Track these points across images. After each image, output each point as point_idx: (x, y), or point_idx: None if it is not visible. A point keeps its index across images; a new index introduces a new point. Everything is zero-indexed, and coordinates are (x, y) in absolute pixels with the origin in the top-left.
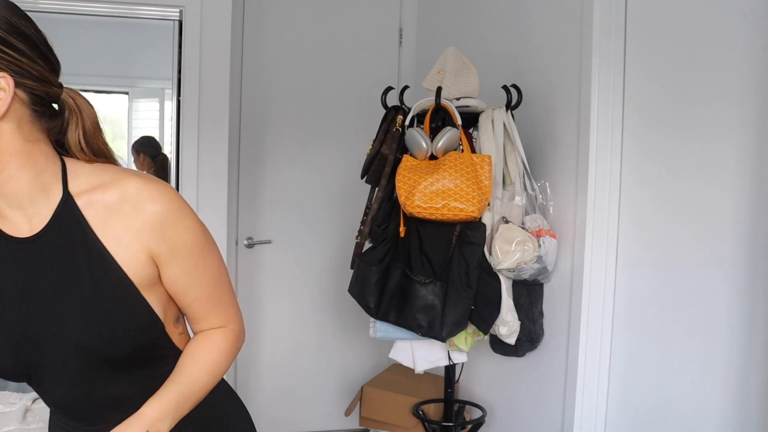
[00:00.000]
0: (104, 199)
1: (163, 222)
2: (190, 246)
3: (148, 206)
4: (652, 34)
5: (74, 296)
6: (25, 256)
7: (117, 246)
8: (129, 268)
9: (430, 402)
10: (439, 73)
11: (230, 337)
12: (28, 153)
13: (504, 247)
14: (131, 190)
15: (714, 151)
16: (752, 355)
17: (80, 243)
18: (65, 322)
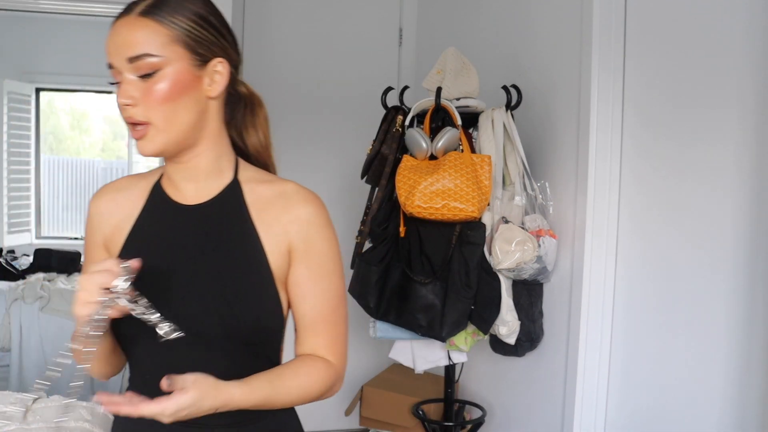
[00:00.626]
0: (265, 191)
1: (310, 222)
2: (324, 255)
3: (301, 204)
4: (652, 36)
5: (219, 263)
6: (186, 220)
7: (266, 233)
8: (272, 256)
9: (430, 402)
10: (439, 73)
11: (331, 373)
12: (219, 134)
13: (504, 247)
14: (289, 189)
15: (713, 153)
16: (752, 354)
17: (237, 220)
18: (202, 284)
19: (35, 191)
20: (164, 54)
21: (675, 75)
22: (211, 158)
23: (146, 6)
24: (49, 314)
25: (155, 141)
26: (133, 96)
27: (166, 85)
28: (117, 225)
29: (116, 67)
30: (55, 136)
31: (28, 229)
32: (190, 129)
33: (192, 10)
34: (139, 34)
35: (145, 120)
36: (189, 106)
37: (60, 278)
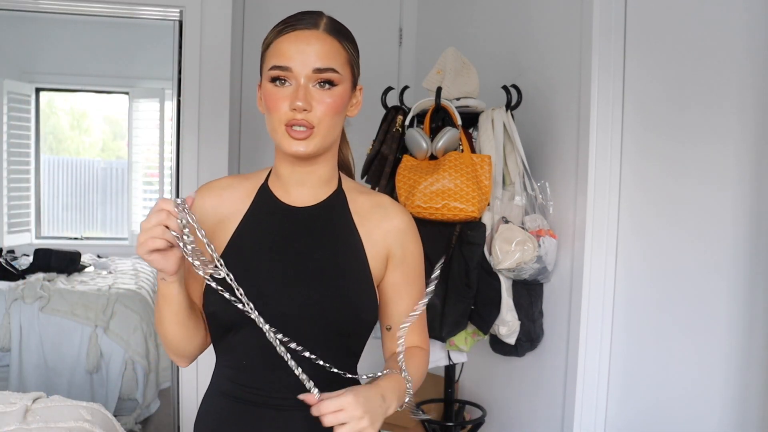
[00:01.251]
0: (364, 201)
1: (406, 231)
2: (416, 259)
3: (398, 216)
4: (652, 36)
5: (325, 261)
6: (295, 221)
7: (367, 237)
8: (371, 258)
9: (430, 402)
10: (439, 73)
11: (426, 358)
12: (336, 147)
13: (504, 247)
14: (385, 202)
15: (713, 152)
16: (752, 354)
17: (343, 224)
18: (309, 280)
19: (35, 191)
20: (343, 72)
21: (675, 74)
22: (329, 167)
23: (330, 26)
24: (48, 314)
25: (313, 143)
26: (310, 102)
27: (338, 99)
28: (221, 220)
29: (295, 72)
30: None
31: (27, 229)
32: (335, 139)
33: (351, 37)
34: (329, 49)
35: (314, 125)
36: (341, 121)
37: (60, 278)
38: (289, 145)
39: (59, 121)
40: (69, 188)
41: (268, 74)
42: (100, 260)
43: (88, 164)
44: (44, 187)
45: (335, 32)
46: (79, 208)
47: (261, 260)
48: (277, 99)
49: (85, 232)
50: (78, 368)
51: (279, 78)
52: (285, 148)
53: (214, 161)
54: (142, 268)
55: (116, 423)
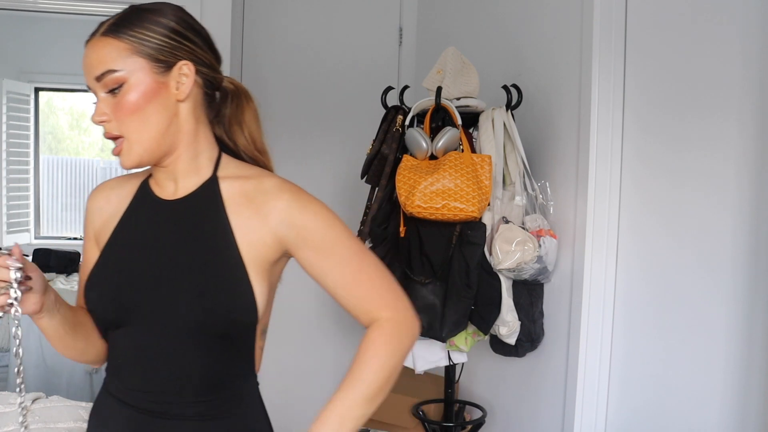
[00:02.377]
0: (243, 187)
1: (290, 208)
2: (320, 229)
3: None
4: (652, 41)
5: (190, 256)
6: (165, 215)
7: (244, 227)
8: (249, 249)
9: (430, 402)
10: (439, 73)
11: (393, 326)
12: (195, 134)
13: (504, 247)
14: (267, 184)
15: (711, 158)
16: (752, 354)
17: (212, 216)
18: (174, 276)
19: (34, 191)
20: (125, 67)
21: (674, 80)
22: (188, 159)
23: (108, 26)
24: None
25: (132, 153)
26: (106, 112)
27: (132, 96)
28: (107, 220)
29: (91, 89)
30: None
31: (27, 229)
32: (161, 135)
33: (150, 19)
34: (102, 53)
35: (119, 133)
36: (158, 112)
37: (59, 278)
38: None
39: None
40: (68, 188)
41: None
42: None
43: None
44: (43, 187)
45: (113, 29)
46: (78, 208)
47: (132, 258)
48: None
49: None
50: (77, 368)
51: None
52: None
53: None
54: None
55: None
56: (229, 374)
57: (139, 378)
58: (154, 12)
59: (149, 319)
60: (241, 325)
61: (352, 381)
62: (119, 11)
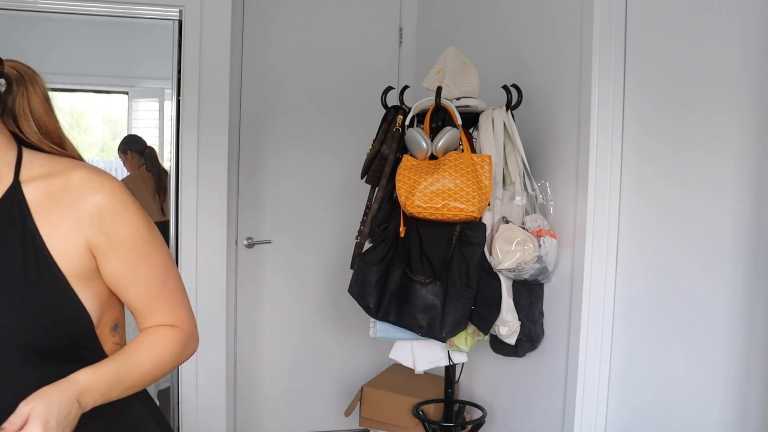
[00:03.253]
0: (49, 188)
1: (102, 213)
2: (131, 240)
3: (89, 196)
4: (652, 40)
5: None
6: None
7: (54, 235)
8: (63, 258)
9: (430, 402)
10: (439, 72)
11: (179, 337)
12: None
13: (504, 247)
14: (75, 180)
15: (711, 158)
16: (752, 354)
17: (18, 228)
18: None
19: None
20: None
21: (675, 80)
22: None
23: None
24: None
25: None
26: None
27: None
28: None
29: None
30: None
31: None
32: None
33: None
34: None
35: None
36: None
37: None
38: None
39: None
40: None
41: None
42: None
43: None
44: None
45: None
46: None
47: None
48: None
49: None
50: None
51: None
52: None
53: (214, 161)
54: None
55: None
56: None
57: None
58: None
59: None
60: (76, 336)
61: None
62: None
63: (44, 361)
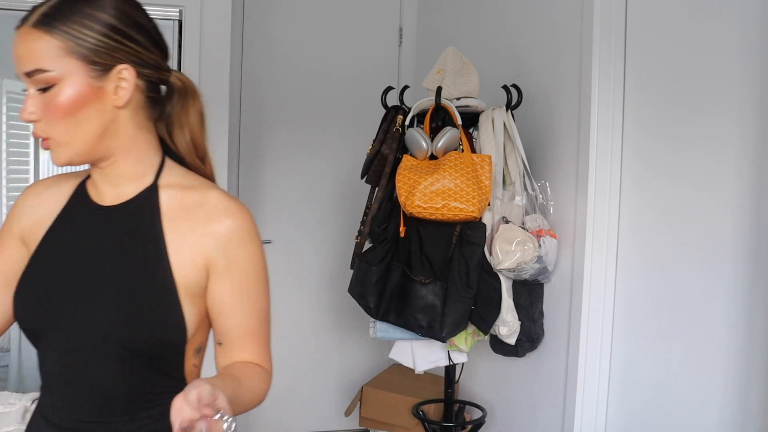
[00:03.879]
0: (184, 199)
1: (231, 237)
2: (247, 270)
3: (223, 218)
4: (652, 40)
5: (118, 268)
6: (99, 222)
7: (178, 243)
8: (180, 267)
9: (430, 402)
10: (439, 73)
11: (268, 379)
12: (135, 140)
13: (504, 247)
14: (212, 199)
15: (711, 158)
16: (752, 354)
17: (146, 227)
18: (98, 289)
19: None
20: (57, 68)
21: (675, 80)
22: (129, 164)
23: (39, 15)
24: None
25: (60, 154)
26: (34, 111)
27: (63, 100)
28: (37, 221)
29: (21, 79)
30: None
31: None
32: (95, 141)
33: (90, 15)
34: (32, 47)
35: (46, 135)
36: (92, 119)
37: None
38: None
39: None
40: None
41: None
42: None
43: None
44: None
45: (45, 20)
46: None
47: (59, 266)
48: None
49: None
50: None
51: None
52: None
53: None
54: None
55: None
56: (157, 393)
57: (63, 395)
58: (92, 4)
59: (71, 333)
60: (169, 345)
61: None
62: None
63: (133, 362)
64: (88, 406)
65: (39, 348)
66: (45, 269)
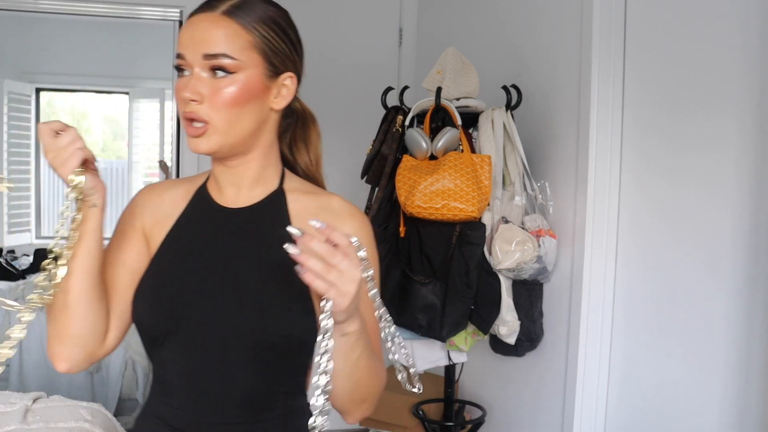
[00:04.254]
0: (309, 202)
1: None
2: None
3: (349, 219)
4: (652, 41)
5: (253, 267)
6: (227, 222)
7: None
8: None
9: (430, 402)
10: (439, 73)
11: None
12: (271, 146)
13: (504, 247)
14: (335, 204)
15: (711, 158)
16: (751, 354)
17: (277, 227)
18: (235, 287)
19: (35, 191)
20: (242, 58)
21: (674, 79)
22: (259, 167)
23: (230, 6)
24: None
25: (211, 141)
26: (201, 93)
27: (236, 89)
28: (159, 221)
29: (188, 60)
30: None
31: (28, 229)
32: (248, 136)
33: (274, 19)
34: (221, 33)
35: (207, 119)
36: (252, 114)
37: None
38: (189, 142)
39: None
40: None
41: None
42: None
43: None
44: (44, 187)
45: (237, 12)
46: None
47: (188, 265)
48: (176, 90)
49: None
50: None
51: (179, 67)
52: (188, 145)
53: None
54: None
55: (116, 423)
56: (284, 392)
57: (189, 397)
58: (278, 13)
59: (204, 332)
60: (302, 343)
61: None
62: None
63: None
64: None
65: (161, 352)
66: (171, 270)
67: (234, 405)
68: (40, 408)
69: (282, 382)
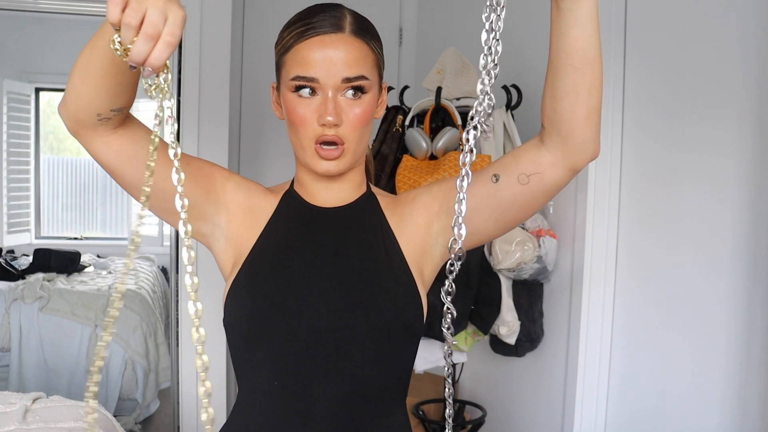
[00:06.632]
0: (398, 207)
1: (418, 194)
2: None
3: (410, 197)
4: (652, 40)
5: (362, 261)
6: (326, 221)
7: (404, 235)
8: (410, 255)
9: (430, 402)
10: (439, 73)
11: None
12: (365, 152)
13: (504, 247)
14: (401, 197)
15: (711, 160)
16: (751, 354)
17: (378, 225)
18: (346, 282)
19: (35, 191)
20: (372, 77)
21: (674, 81)
22: (359, 173)
23: (356, 26)
24: (48, 314)
25: (345, 161)
26: (340, 116)
27: (366, 108)
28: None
29: (322, 83)
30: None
31: (27, 229)
32: (365, 149)
33: (376, 34)
34: (358, 55)
35: (344, 140)
36: (371, 129)
37: (59, 278)
38: (318, 165)
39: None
40: (69, 188)
41: (290, 84)
42: (100, 260)
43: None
44: (44, 187)
45: (362, 33)
46: (78, 208)
47: (293, 262)
48: (303, 113)
49: (84, 232)
50: (78, 368)
51: (303, 87)
52: (315, 167)
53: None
54: (141, 268)
55: (116, 423)
56: (397, 384)
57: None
58: (373, 27)
59: (315, 326)
60: (412, 329)
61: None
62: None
63: (378, 347)
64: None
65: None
66: (272, 269)
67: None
68: (39, 408)
69: (396, 373)
